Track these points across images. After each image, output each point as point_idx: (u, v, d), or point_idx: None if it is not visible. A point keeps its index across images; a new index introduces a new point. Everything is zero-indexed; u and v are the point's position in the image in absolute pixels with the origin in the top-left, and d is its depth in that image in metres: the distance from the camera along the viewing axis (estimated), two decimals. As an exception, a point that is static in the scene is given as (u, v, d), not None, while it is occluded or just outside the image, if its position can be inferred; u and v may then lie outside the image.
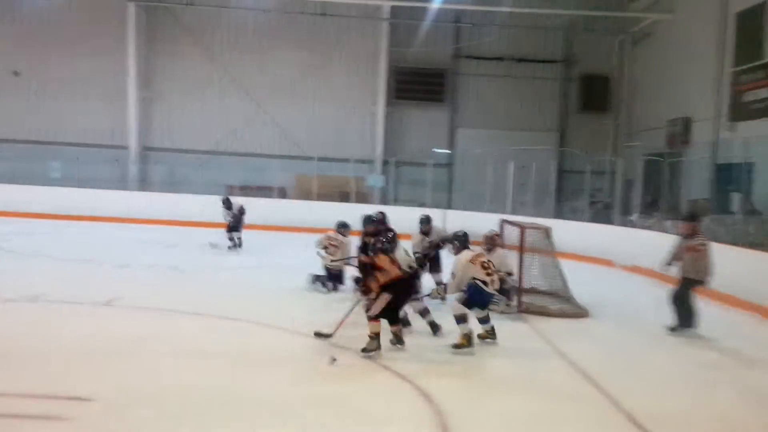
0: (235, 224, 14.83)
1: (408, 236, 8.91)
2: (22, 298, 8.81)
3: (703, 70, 17.31)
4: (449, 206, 20.85)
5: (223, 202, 15.03)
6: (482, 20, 22.58)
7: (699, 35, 17.72)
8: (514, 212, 17.53)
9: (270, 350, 6.96)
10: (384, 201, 21.91)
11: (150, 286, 10.42)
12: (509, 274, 9.66)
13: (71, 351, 6.57)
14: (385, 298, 6.80)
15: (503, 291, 8.96)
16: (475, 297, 7.31)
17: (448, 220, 19.22)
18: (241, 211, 14.89)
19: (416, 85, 23.32)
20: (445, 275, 8.81)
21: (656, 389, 6.47)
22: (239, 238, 14.85)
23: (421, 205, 20.47)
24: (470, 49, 23.27)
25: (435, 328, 7.74)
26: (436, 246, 9.77)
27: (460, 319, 7.22)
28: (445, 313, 7.96)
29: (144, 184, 22.45)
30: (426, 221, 10.07)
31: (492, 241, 9.89)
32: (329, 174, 21.91)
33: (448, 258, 8.60)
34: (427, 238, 9.81)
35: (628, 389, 6.28)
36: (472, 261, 7.38)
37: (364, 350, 6.75)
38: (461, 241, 7.68)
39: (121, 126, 23.03)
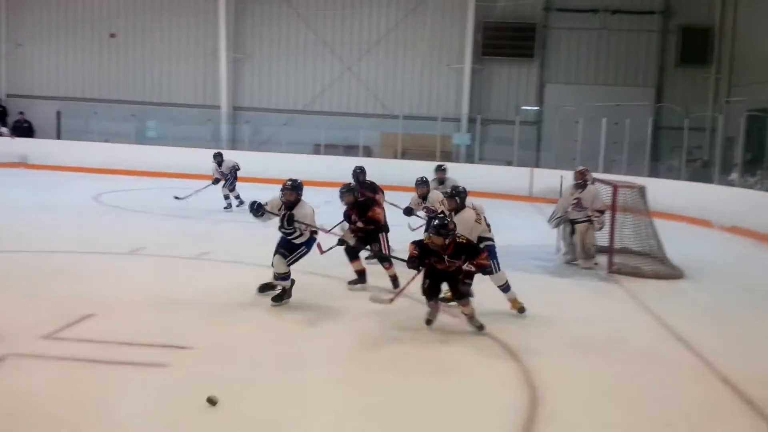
0: (230, 183, 14.03)
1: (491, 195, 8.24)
2: (123, 251, 9.25)
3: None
4: (537, 165, 20.42)
5: (214, 157, 14.09)
6: (575, -30, 21.70)
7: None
8: (606, 171, 16.98)
9: (358, 308, 6.96)
10: (470, 159, 21.65)
11: (241, 241, 10.72)
12: (600, 212, 9.41)
13: (169, 301, 6.85)
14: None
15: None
16: (496, 257, 6.82)
17: (536, 180, 18.89)
18: (235, 169, 14.08)
19: (504, 40, 22.49)
20: None
21: (752, 352, 6.20)
22: (234, 197, 14.11)
23: (508, 163, 20.14)
24: (562, 1, 22.39)
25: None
26: (431, 215, 8.60)
27: (507, 288, 6.84)
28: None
29: (235, 143, 23.00)
30: (424, 183, 9.17)
31: (582, 176, 9.65)
32: (415, 132, 21.82)
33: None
34: (423, 203, 8.98)
35: (723, 352, 6.02)
36: (477, 221, 6.80)
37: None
38: (462, 197, 6.88)
39: (213, 86, 23.65)
